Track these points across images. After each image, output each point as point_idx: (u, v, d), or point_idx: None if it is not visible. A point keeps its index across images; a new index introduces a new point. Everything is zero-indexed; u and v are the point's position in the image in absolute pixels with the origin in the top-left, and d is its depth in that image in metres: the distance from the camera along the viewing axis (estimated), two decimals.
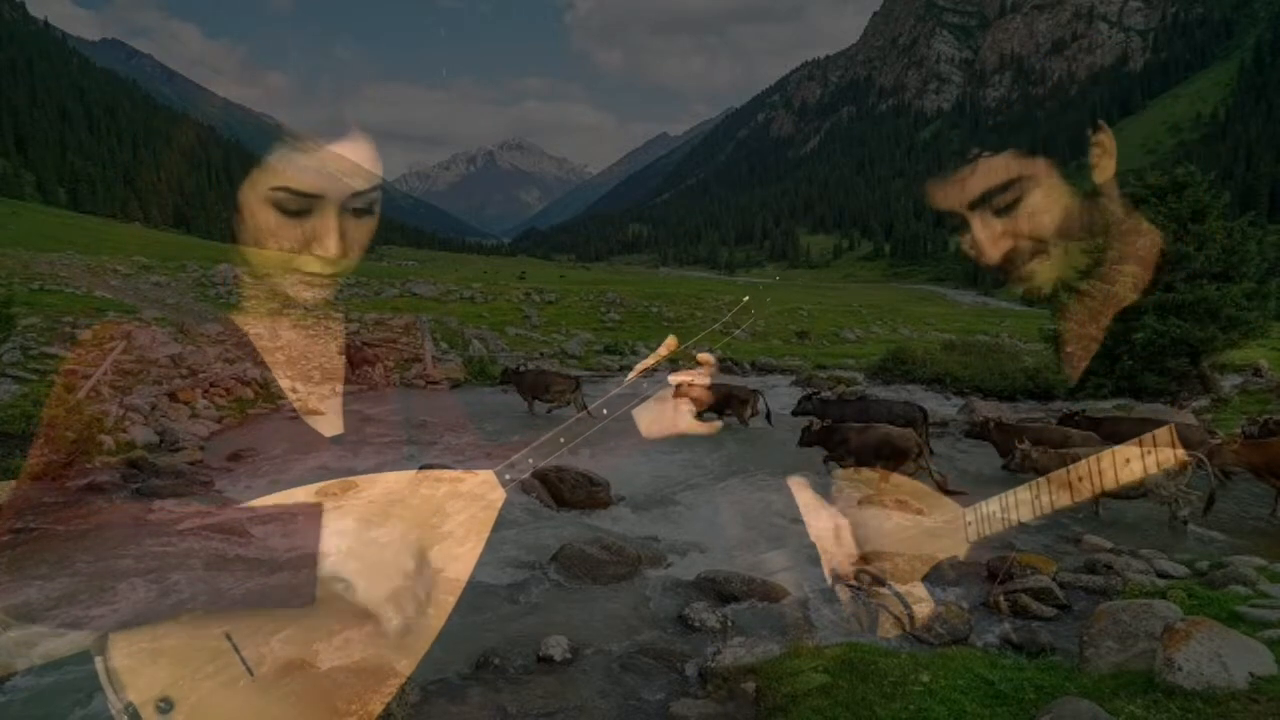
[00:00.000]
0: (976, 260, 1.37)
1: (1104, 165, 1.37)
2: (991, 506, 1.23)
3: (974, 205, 1.34)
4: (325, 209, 1.23)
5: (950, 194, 1.36)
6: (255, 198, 1.24)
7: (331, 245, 1.23)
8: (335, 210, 1.23)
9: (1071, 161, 1.36)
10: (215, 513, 6.87)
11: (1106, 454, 1.15)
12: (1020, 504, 1.21)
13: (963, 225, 1.37)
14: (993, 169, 1.33)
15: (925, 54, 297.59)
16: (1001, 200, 1.33)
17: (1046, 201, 1.32)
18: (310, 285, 1.28)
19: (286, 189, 1.22)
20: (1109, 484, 1.15)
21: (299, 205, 1.22)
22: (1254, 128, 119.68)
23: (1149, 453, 1.12)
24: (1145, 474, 1.14)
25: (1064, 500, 1.18)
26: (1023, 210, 1.33)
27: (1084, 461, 1.16)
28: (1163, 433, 1.11)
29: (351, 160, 1.25)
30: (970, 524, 1.24)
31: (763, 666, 4.16)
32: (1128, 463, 1.13)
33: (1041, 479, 1.21)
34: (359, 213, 1.26)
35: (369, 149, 1.27)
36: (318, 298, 1.31)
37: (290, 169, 1.23)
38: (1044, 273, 1.35)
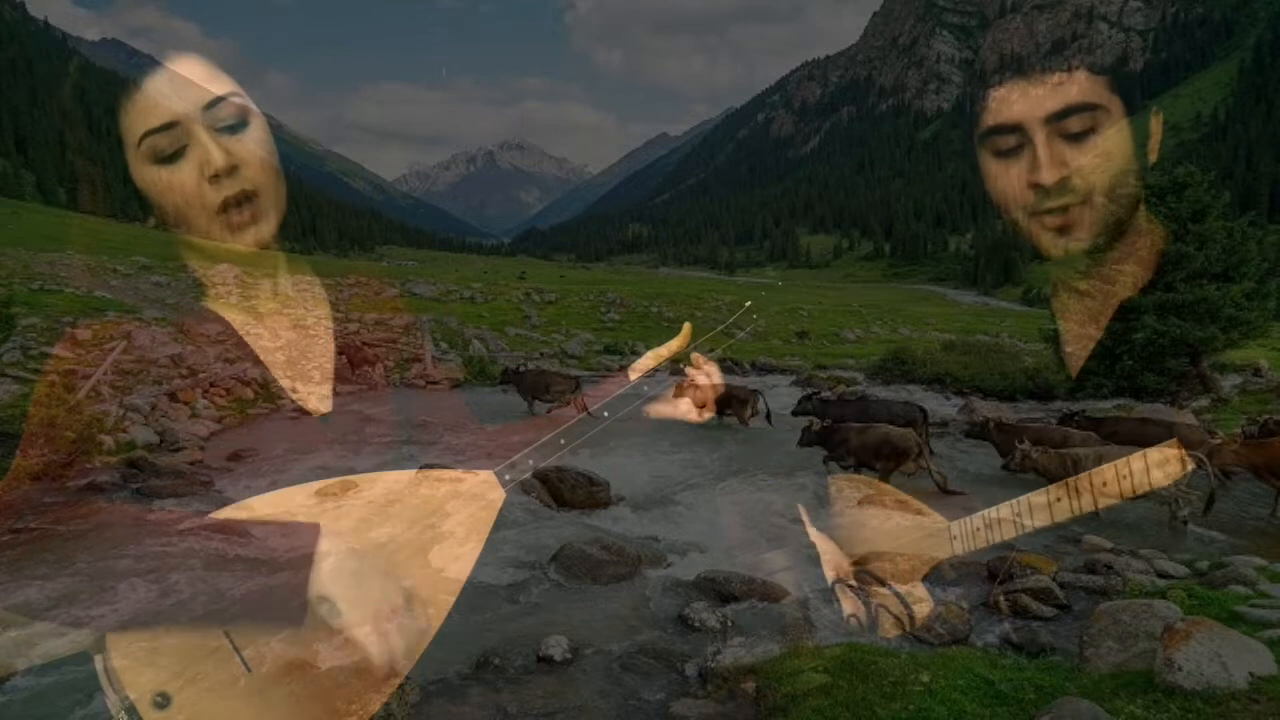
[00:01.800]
0: (1006, 194, 1.28)
1: (1154, 147, 1.34)
2: (975, 523, 1.21)
3: (1049, 118, 1.23)
4: (193, 132, 1.17)
5: (1028, 100, 1.25)
6: (138, 165, 1.20)
7: (216, 157, 1.17)
8: (203, 129, 1.18)
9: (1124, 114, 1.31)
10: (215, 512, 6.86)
11: (1093, 474, 1.11)
12: (1002, 521, 1.18)
13: (1017, 145, 1.25)
14: (1078, 88, 1.24)
15: (925, 54, 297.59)
16: (1076, 123, 1.23)
17: (1115, 145, 1.24)
18: (237, 226, 1.21)
19: (150, 131, 1.17)
20: (1089, 505, 1.11)
21: (170, 141, 1.17)
22: (1254, 128, 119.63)
23: (1126, 476, 1.07)
24: (1132, 490, 1.09)
25: (1046, 519, 1.14)
26: (1090, 144, 1.24)
27: (1063, 483, 1.12)
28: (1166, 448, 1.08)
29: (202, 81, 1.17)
30: (955, 539, 1.22)
31: (763, 666, 4.15)
32: (1104, 485, 1.10)
33: (1025, 498, 1.16)
34: (232, 129, 1.20)
35: (201, 66, 1.20)
36: (253, 238, 1.24)
37: (144, 116, 1.17)
38: (1083, 229, 1.25)
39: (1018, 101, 1.26)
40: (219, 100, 1.20)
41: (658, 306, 32.79)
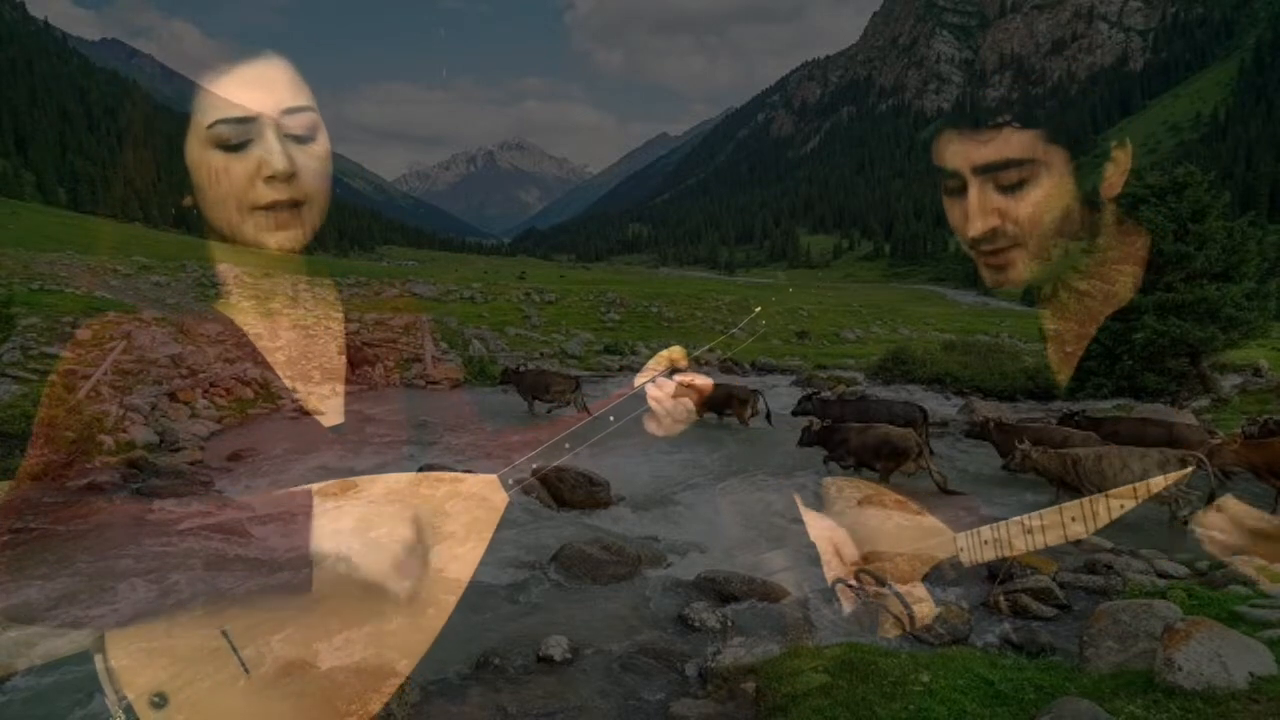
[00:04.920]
0: (955, 228, 1.31)
1: (1114, 181, 1.35)
2: (984, 535, 1.20)
3: (979, 169, 1.27)
4: (263, 131, 1.19)
5: (960, 149, 1.29)
6: (197, 146, 1.21)
7: (277, 160, 1.18)
8: (274, 131, 1.19)
9: (1071, 162, 1.32)
10: (215, 513, 6.87)
11: (1103, 498, 1.11)
12: (1013, 536, 1.18)
13: (960, 187, 1.29)
14: (1013, 142, 1.26)
15: (925, 54, 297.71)
16: (1008, 176, 1.26)
17: (1049, 197, 1.28)
18: (272, 228, 1.22)
19: (223, 120, 1.18)
20: (1105, 521, 1.11)
21: (238, 134, 1.18)
22: (1254, 128, 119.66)
23: (1144, 493, 1.08)
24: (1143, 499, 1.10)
25: (1059, 538, 1.14)
26: (1024, 195, 1.26)
27: (1081, 502, 1.11)
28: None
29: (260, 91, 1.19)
30: (963, 550, 1.22)
31: (763, 666, 4.16)
32: (1122, 506, 1.10)
33: (1037, 513, 1.15)
34: (300, 140, 1.22)
35: (287, 72, 1.22)
36: (284, 242, 1.24)
37: (221, 103, 1.19)
38: (1018, 269, 1.29)
39: (953, 150, 1.29)
40: (297, 109, 1.22)
41: (658, 306, 32.79)
